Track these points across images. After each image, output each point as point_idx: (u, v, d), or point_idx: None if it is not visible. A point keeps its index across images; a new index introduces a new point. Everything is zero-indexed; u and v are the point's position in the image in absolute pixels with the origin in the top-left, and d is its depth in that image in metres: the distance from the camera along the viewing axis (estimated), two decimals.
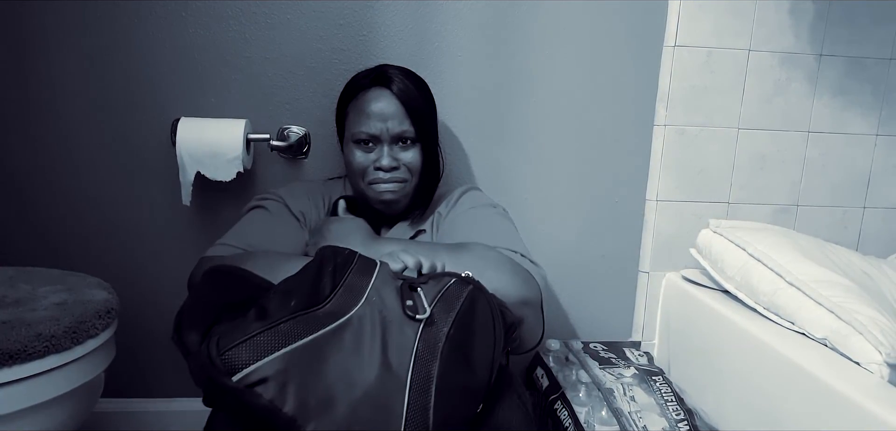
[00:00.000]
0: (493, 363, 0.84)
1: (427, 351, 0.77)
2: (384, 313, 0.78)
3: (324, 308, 0.76)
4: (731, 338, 1.34)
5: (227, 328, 0.72)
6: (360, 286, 0.80)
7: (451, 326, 0.79)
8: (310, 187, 1.29)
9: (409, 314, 0.79)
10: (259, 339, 0.70)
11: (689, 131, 1.55)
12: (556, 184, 1.57)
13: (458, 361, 0.79)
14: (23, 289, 1.14)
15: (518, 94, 1.50)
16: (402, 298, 0.81)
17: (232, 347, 0.69)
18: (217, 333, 0.71)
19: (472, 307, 0.84)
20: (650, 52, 1.53)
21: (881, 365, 1.08)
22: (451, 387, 0.77)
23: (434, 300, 0.82)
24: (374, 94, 1.18)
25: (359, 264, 0.84)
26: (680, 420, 1.31)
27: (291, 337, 0.71)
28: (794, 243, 1.37)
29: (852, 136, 1.62)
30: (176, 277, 1.44)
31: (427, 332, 0.78)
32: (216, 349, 0.69)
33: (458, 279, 0.86)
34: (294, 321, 0.73)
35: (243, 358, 0.68)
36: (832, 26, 1.54)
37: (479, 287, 0.87)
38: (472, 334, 0.82)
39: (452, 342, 0.79)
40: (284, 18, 1.41)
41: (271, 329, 0.71)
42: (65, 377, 1.03)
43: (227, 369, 0.68)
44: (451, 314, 0.81)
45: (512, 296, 0.97)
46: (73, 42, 1.37)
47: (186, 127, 1.35)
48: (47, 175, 1.42)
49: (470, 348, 0.81)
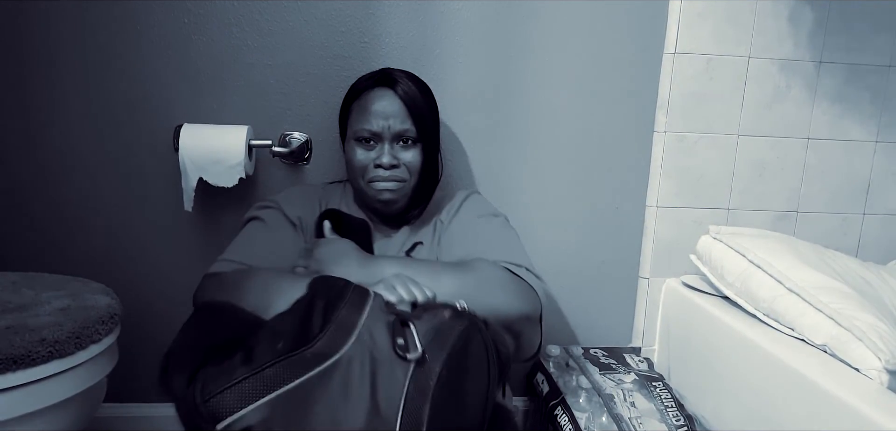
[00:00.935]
0: (486, 404, 0.81)
1: (418, 394, 0.74)
2: (374, 352, 0.76)
3: (312, 349, 0.74)
4: (730, 344, 1.34)
5: (212, 372, 0.70)
6: (351, 324, 0.78)
7: (443, 365, 0.76)
8: (307, 192, 1.29)
9: (399, 354, 0.76)
10: (243, 385, 0.68)
11: (688, 138, 1.56)
12: (556, 189, 1.57)
13: (450, 402, 0.76)
14: (26, 294, 1.14)
15: (518, 99, 1.51)
16: (393, 335, 0.78)
17: (216, 394, 0.68)
18: (202, 378, 0.69)
19: (466, 346, 0.80)
20: (650, 59, 1.53)
21: (881, 372, 1.08)
22: (443, 428, 0.74)
23: (426, 336, 0.79)
24: (377, 93, 1.19)
25: (351, 297, 0.82)
26: (680, 425, 1.31)
27: (277, 383, 0.69)
28: (794, 250, 1.37)
29: (851, 142, 1.62)
30: (178, 282, 1.46)
31: (418, 373, 0.75)
32: (201, 396, 0.68)
33: (453, 313, 0.84)
34: (280, 365, 0.71)
35: (227, 406, 0.67)
36: (831, 34, 1.55)
37: (475, 323, 0.84)
38: (465, 373, 0.79)
39: (444, 384, 0.75)
40: (286, 25, 1.42)
41: (256, 375, 0.69)
42: (68, 382, 1.03)
43: (211, 416, 0.67)
44: (444, 352, 0.77)
45: (513, 313, 0.96)
46: (76, 49, 1.38)
47: (189, 133, 1.36)
48: (50, 181, 1.43)
49: (462, 388, 0.78)
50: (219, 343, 0.76)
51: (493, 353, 0.83)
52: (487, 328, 0.86)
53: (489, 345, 0.83)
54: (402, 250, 1.21)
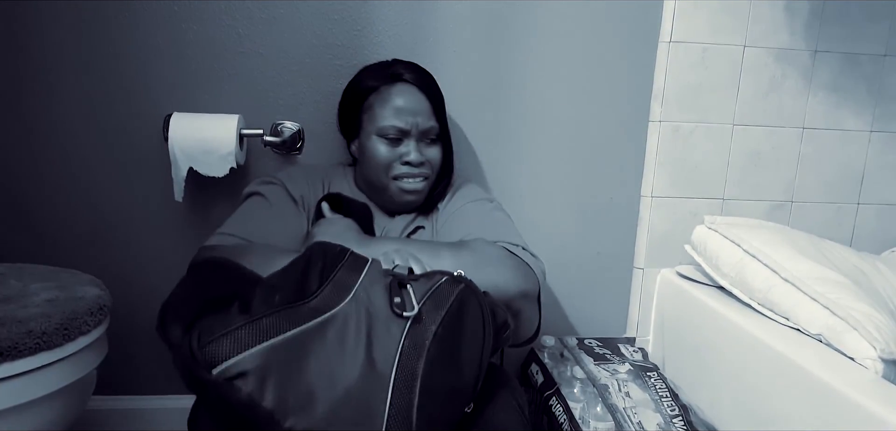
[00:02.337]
0: (481, 364, 0.83)
1: (413, 349, 0.76)
2: (371, 309, 0.77)
3: (308, 304, 0.75)
4: (725, 334, 1.34)
5: (209, 321, 0.71)
6: (348, 283, 0.80)
7: (440, 324, 0.79)
8: (309, 171, 1.27)
9: (396, 312, 0.78)
10: (240, 333, 0.69)
11: (683, 128, 1.55)
12: (550, 180, 1.56)
13: (445, 360, 0.78)
14: (13, 286, 1.13)
15: (513, 90, 1.50)
16: (390, 295, 0.80)
17: (212, 340, 0.69)
18: (199, 326, 0.70)
19: (462, 307, 0.83)
20: (645, 49, 1.53)
21: (876, 361, 1.08)
22: (437, 387, 0.76)
23: (423, 297, 0.81)
24: (400, 88, 1.19)
25: (349, 261, 0.83)
26: (675, 415, 1.31)
27: (273, 331, 0.71)
28: (789, 240, 1.37)
29: (846, 132, 1.62)
30: (169, 273, 1.42)
31: (414, 330, 0.77)
32: (197, 342, 0.69)
33: (450, 278, 0.85)
34: (277, 315, 0.72)
35: (223, 352, 0.68)
36: (826, 23, 1.55)
37: (471, 287, 0.86)
38: (460, 333, 0.81)
39: (440, 342, 0.78)
40: (278, 13, 1.40)
41: (252, 323, 0.70)
42: (56, 374, 1.02)
43: (207, 362, 0.68)
44: (440, 312, 0.80)
45: (511, 289, 0.97)
46: (65, 37, 1.36)
47: (179, 122, 1.34)
48: (38, 171, 1.41)
49: (458, 348, 0.80)
50: (216, 296, 0.77)
51: (489, 316, 0.85)
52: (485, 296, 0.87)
53: (485, 308, 0.85)
54: (404, 233, 1.20)
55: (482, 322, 0.84)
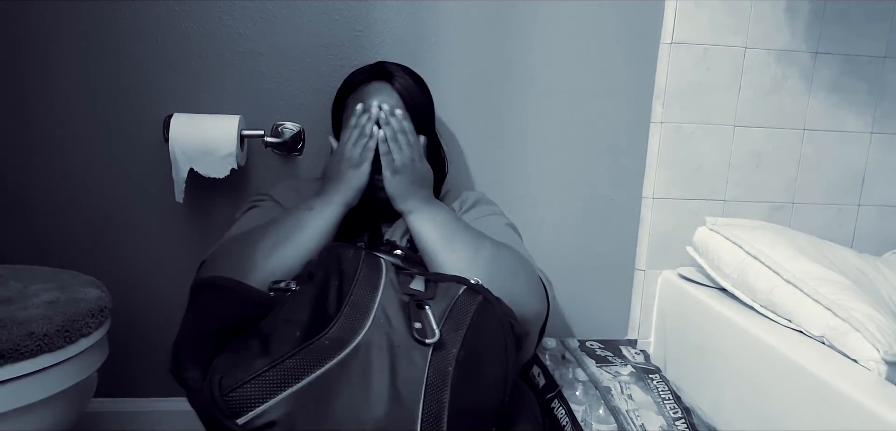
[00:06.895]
0: (506, 380, 0.81)
1: (438, 379, 0.74)
2: (392, 337, 0.76)
3: (329, 334, 0.73)
4: (728, 336, 1.34)
5: (229, 362, 0.69)
6: (366, 304, 0.78)
7: (461, 347, 0.77)
8: (299, 186, 1.27)
9: (417, 339, 0.76)
10: (265, 377, 0.67)
11: (685, 129, 1.55)
12: (551, 181, 1.56)
13: (470, 383, 0.77)
14: (14, 287, 1.12)
15: (514, 90, 1.50)
16: (409, 319, 0.78)
17: (236, 387, 0.66)
18: (219, 369, 0.68)
19: (480, 324, 0.81)
20: (647, 49, 1.52)
21: (879, 362, 1.08)
22: (464, 410, 0.75)
23: (442, 318, 0.79)
24: (374, 87, 1.18)
25: (363, 274, 0.81)
26: (677, 417, 1.30)
27: (298, 374, 0.68)
28: (791, 241, 1.37)
29: (847, 133, 1.62)
30: (170, 275, 1.44)
31: (437, 357, 0.76)
32: (219, 389, 0.66)
33: (467, 290, 0.84)
34: (300, 355, 0.70)
35: (248, 400, 0.66)
36: (827, 24, 1.54)
37: (488, 299, 0.84)
38: (482, 352, 0.80)
39: (462, 366, 0.76)
40: (279, 13, 1.40)
41: (276, 367, 0.68)
42: (57, 376, 1.01)
43: (231, 411, 0.65)
44: (460, 331, 0.78)
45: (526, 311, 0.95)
46: (65, 37, 1.35)
47: (179, 123, 1.34)
48: (39, 172, 1.40)
49: (480, 367, 0.79)
50: (228, 326, 0.75)
51: (508, 327, 0.84)
52: (499, 304, 0.86)
53: (505, 323, 0.84)
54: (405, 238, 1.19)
55: (503, 338, 0.83)
